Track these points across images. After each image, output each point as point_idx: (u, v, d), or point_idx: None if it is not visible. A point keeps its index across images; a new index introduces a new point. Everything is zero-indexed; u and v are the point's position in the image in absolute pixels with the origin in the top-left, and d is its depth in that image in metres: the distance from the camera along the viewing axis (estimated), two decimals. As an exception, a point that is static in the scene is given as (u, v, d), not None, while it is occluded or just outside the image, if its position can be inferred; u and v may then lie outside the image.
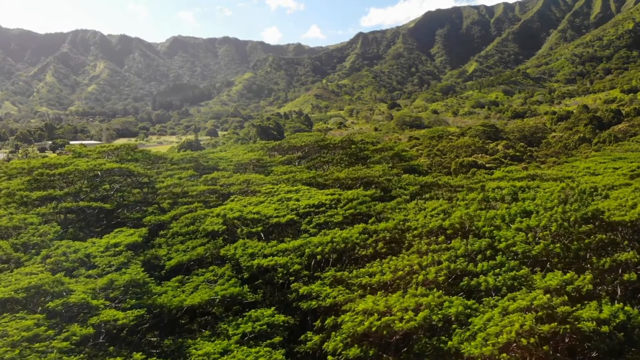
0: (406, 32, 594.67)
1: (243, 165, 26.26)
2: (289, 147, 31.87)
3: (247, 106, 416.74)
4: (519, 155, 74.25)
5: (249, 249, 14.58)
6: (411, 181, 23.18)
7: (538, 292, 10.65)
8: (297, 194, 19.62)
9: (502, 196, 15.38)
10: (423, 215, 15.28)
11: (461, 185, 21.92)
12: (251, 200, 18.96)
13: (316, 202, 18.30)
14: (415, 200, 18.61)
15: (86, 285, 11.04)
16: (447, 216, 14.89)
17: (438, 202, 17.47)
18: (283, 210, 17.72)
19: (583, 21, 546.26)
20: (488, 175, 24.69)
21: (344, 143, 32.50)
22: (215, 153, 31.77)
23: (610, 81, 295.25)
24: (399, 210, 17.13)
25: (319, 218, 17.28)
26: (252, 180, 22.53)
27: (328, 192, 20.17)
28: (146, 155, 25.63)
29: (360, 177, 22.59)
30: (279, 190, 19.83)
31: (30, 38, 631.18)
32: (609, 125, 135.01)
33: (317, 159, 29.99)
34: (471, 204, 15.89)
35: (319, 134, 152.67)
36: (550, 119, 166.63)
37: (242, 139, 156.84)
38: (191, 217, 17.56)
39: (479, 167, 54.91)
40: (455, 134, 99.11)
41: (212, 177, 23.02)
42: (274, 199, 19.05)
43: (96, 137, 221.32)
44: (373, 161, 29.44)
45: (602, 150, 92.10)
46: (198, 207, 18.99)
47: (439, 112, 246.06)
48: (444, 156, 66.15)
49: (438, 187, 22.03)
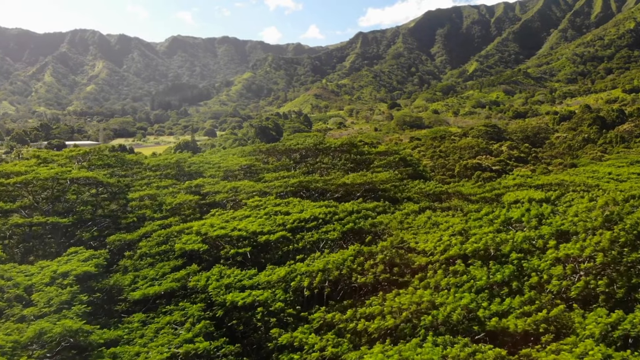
0: (406, 31, 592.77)
1: (232, 172, 23.73)
2: (284, 149, 29.25)
3: (246, 106, 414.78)
4: (523, 157, 72.02)
5: (225, 279, 12.10)
6: (420, 189, 20.67)
7: (588, 343, 8.32)
8: (286, 207, 17.29)
9: (527, 215, 12.99)
10: (438, 237, 12.79)
11: (473, 194, 19.57)
12: (236, 214, 16.58)
13: (307, 216, 15.97)
14: (425, 212, 16.07)
15: (9, 336, 8.58)
16: (465, 237, 12.47)
17: (452, 217, 15.08)
18: (271, 226, 15.45)
19: (584, 21, 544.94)
20: (502, 181, 22.32)
21: (345, 146, 29.75)
22: (198, 157, 28.92)
23: (612, 81, 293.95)
24: (407, 226, 14.62)
25: (312, 235, 15.01)
26: (240, 188, 20.05)
27: (322, 204, 17.84)
28: (121, 160, 23.00)
29: (363, 182, 20.03)
30: (267, 203, 17.39)
31: (29, 38, 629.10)
32: (613, 126, 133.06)
33: (317, 164, 27.43)
34: (489, 220, 13.53)
35: (318, 134, 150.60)
36: (552, 118, 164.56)
37: (241, 140, 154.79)
38: (165, 235, 15.14)
39: (484, 170, 52.68)
40: (457, 134, 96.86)
41: (195, 184, 20.56)
42: (261, 213, 16.66)
43: (93, 137, 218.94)
44: (376, 166, 26.98)
45: (608, 151, 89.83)
46: (174, 221, 16.54)
47: (439, 112, 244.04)
48: (447, 158, 63.79)
49: (448, 196, 19.68)
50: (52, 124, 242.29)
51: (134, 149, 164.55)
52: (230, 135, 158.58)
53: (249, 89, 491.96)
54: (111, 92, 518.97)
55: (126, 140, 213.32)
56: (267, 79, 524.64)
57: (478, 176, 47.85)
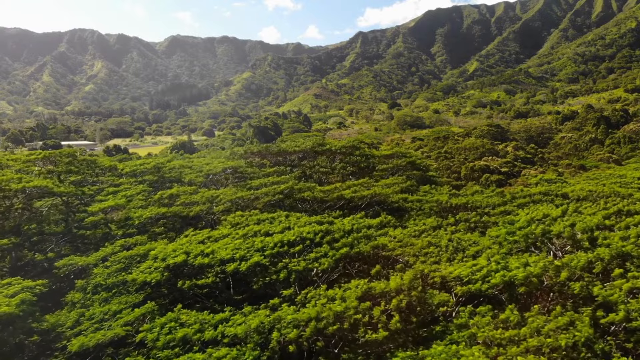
0: (406, 31, 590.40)
1: (217, 176, 20.96)
2: (278, 152, 26.36)
3: (245, 106, 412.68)
4: (529, 158, 69.52)
5: (180, 331, 9.04)
6: (433, 200, 17.89)
7: None
8: (270, 225, 14.55)
9: (568, 230, 10.51)
10: (468, 267, 10.09)
11: (492, 205, 16.97)
12: (212, 234, 13.88)
13: (293, 238, 12.96)
14: (442, 231, 13.35)
15: None
16: (504, 267, 9.81)
17: (473, 232, 12.52)
18: (247, 250, 12.57)
19: (584, 20, 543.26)
20: (525, 188, 19.82)
21: (346, 149, 26.79)
22: (180, 160, 25.93)
23: (614, 80, 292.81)
24: (424, 250, 11.84)
25: (297, 264, 11.89)
26: (220, 198, 17.28)
27: (315, 219, 14.93)
28: (91, 165, 20.35)
29: (367, 195, 17.22)
30: (249, 220, 14.70)
31: (28, 37, 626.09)
32: (617, 126, 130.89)
33: (315, 167, 24.59)
34: (525, 235, 11.03)
35: (318, 134, 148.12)
36: (554, 118, 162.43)
37: (239, 140, 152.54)
38: (126, 259, 12.53)
39: (492, 172, 50.00)
40: (460, 134, 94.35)
41: (169, 193, 17.74)
42: (240, 233, 14.07)
43: (90, 137, 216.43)
44: (381, 170, 24.15)
45: (616, 152, 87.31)
46: (141, 241, 13.94)
47: (440, 111, 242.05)
48: (452, 159, 61.23)
49: (465, 209, 17.03)
50: (49, 124, 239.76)
51: (131, 149, 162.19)
52: (228, 135, 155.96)
53: (249, 88, 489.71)
54: (110, 92, 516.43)
55: (123, 140, 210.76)
56: (266, 78, 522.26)
57: (486, 179, 45.35)
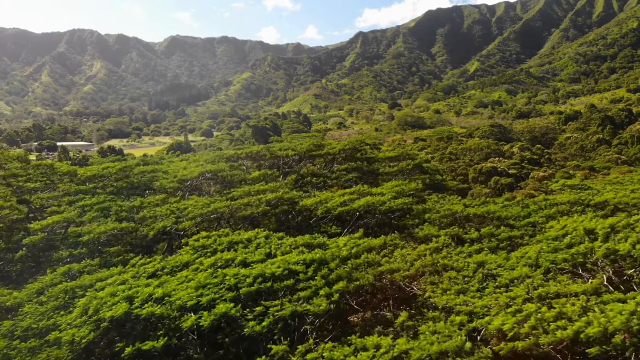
0: (406, 31, 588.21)
1: (193, 182, 18.04)
2: (270, 156, 23.46)
3: (245, 106, 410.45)
4: (536, 159, 67.03)
5: None
6: (445, 209, 15.19)
7: None
8: (246, 251, 11.09)
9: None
10: (511, 315, 7.39)
11: (513, 216, 14.38)
12: (169, 262, 10.98)
13: (277, 271, 9.74)
14: (461, 248, 10.70)
15: None
16: (560, 308, 7.15)
17: (498, 253, 10.01)
18: (215, 289, 9.27)
19: (585, 20, 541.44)
20: (549, 196, 17.31)
21: (347, 151, 23.86)
22: (155, 165, 22.91)
23: (616, 80, 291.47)
24: (448, 284, 9.07)
25: (281, 306, 8.90)
26: (188, 211, 14.45)
27: (305, 240, 11.54)
28: (49, 171, 17.40)
29: (361, 206, 14.32)
30: (219, 241, 11.66)
31: (27, 37, 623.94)
32: (622, 126, 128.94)
33: (310, 173, 21.73)
34: (572, 255, 8.54)
35: (317, 134, 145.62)
36: (557, 118, 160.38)
37: (237, 140, 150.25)
38: (65, 294, 9.47)
39: (500, 175, 47.30)
40: (463, 134, 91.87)
41: (131, 205, 14.72)
42: (207, 262, 10.69)
43: (87, 138, 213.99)
44: (386, 174, 21.43)
45: (624, 152, 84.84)
46: (90, 268, 11.04)
47: (441, 112, 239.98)
48: (457, 161, 58.58)
49: (481, 219, 14.46)
50: (47, 125, 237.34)
51: (128, 149, 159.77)
52: (225, 136, 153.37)
53: (248, 89, 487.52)
54: (109, 92, 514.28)
55: (120, 140, 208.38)
56: (266, 78, 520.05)
57: (496, 182, 42.80)
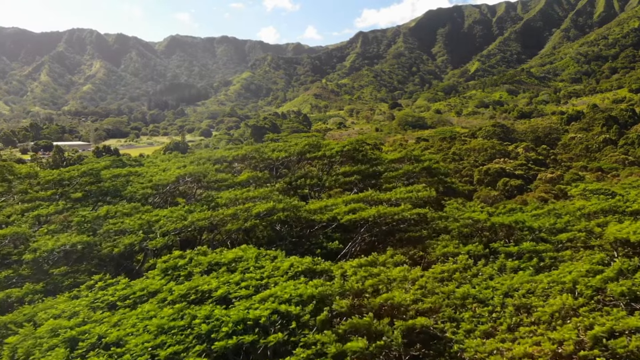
0: (407, 31, 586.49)
1: (170, 187, 15.73)
2: (260, 158, 21.04)
3: (244, 106, 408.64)
4: (541, 159, 65.20)
5: None
6: (465, 217, 12.96)
7: None
8: (229, 280, 8.10)
9: None
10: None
11: (545, 227, 12.37)
12: (124, 292, 8.52)
13: (265, 315, 7.01)
14: (488, 269, 8.67)
15: None
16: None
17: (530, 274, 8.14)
18: (180, 337, 6.65)
19: (586, 20, 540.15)
20: (577, 203, 15.38)
21: (347, 151, 21.06)
22: (131, 167, 20.48)
23: (617, 80, 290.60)
24: (467, 312, 7.04)
25: None
26: (161, 224, 12.15)
27: (304, 264, 8.91)
28: (7, 172, 15.10)
29: (372, 215, 12.01)
30: (194, 262, 8.99)
31: (26, 37, 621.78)
32: (626, 126, 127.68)
33: (306, 177, 19.41)
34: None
35: (317, 134, 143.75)
36: (559, 119, 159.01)
37: (235, 140, 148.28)
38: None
39: (509, 176, 45.21)
40: (466, 134, 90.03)
41: (95, 216, 12.51)
42: (178, 289, 8.14)
43: (85, 137, 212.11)
44: (390, 179, 19.13)
45: (630, 153, 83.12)
46: (31, 294, 8.36)
47: (442, 112, 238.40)
48: (461, 161, 56.60)
49: (508, 230, 12.46)
50: (44, 124, 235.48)
51: (125, 149, 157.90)
52: (224, 136, 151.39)
53: (248, 88, 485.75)
54: (108, 91, 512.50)
55: (118, 140, 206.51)
56: (266, 78, 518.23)
57: (504, 184, 40.81)
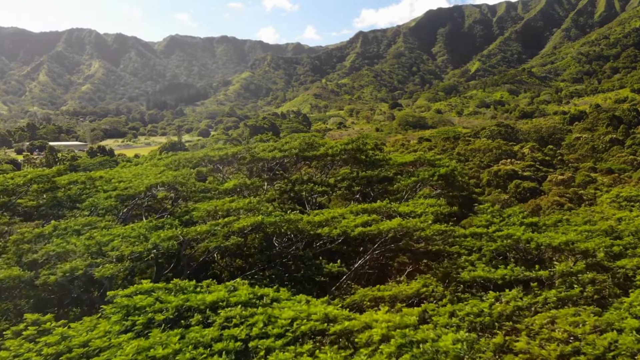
0: (407, 31, 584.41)
1: (137, 199, 12.90)
2: (252, 158, 18.17)
3: (244, 106, 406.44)
4: (548, 160, 63.05)
5: None
6: (503, 235, 10.17)
7: None
8: (198, 334, 5.54)
9: None
10: None
11: (591, 248, 9.94)
12: (73, 341, 5.79)
13: None
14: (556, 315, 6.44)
15: None
16: None
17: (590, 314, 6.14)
18: None
19: (587, 20, 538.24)
20: (625, 213, 13.24)
21: (348, 152, 18.32)
22: (99, 172, 17.78)
23: (619, 80, 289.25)
24: None
25: None
26: (114, 245, 9.81)
27: (318, 314, 6.28)
28: None
29: (391, 229, 9.24)
30: (168, 300, 6.12)
31: (25, 37, 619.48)
32: (630, 126, 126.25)
33: (300, 186, 16.44)
34: None
35: (317, 134, 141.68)
36: (562, 119, 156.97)
37: (234, 140, 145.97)
38: None
39: (520, 178, 42.86)
40: (469, 134, 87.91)
41: (37, 234, 9.41)
42: (129, 348, 5.32)
43: (82, 137, 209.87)
44: (400, 189, 16.17)
45: (638, 153, 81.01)
46: None
47: (442, 112, 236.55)
48: (467, 162, 54.35)
49: (558, 252, 9.96)
50: (41, 124, 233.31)
51: (122, 150, 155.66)
52: (221, 136, 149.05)
53: (247, 88, 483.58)
54: (107, 91, 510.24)
55: (115, 140, 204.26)
56: (265, 78, 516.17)
57: (516, 186, 38.57)
